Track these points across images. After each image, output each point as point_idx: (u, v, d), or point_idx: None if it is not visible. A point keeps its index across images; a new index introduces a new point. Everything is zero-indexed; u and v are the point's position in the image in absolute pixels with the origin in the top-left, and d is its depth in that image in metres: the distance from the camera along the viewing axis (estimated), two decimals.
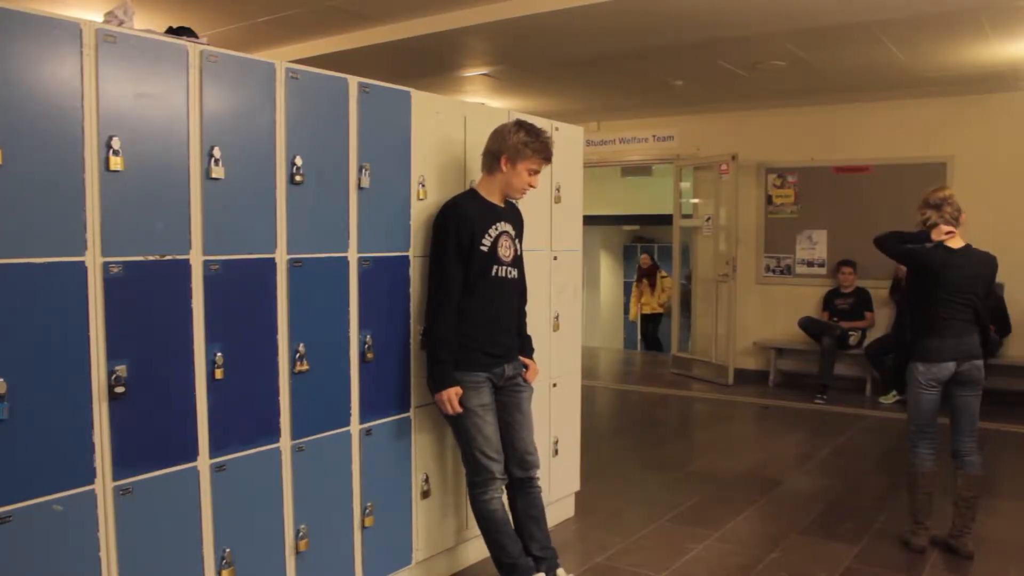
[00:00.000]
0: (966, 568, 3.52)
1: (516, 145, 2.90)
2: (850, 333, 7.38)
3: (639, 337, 12.44)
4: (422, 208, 3.06)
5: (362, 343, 2.86)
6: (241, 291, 2.49)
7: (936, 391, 3.60)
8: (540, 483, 3.15)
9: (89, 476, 2.12)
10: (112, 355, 2.15)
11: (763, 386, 7.86)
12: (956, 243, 3.62)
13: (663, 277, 11.19)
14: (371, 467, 2.92)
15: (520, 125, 2.94)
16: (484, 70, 6.63)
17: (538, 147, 2.93)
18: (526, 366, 3.16)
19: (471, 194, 3.02)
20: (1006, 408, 6.69)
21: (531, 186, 3.01)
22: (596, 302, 15.60)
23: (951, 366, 3.56)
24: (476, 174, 3.12)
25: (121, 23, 2.29)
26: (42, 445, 2.03)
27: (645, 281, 11.35)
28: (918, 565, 3.55)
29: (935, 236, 3.64)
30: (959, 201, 3.67)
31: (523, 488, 3.10)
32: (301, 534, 2.68)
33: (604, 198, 12.59)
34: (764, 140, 8.12)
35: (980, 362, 3.59)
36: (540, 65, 6.50)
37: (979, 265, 3.64)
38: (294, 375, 2.63)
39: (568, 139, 3.89)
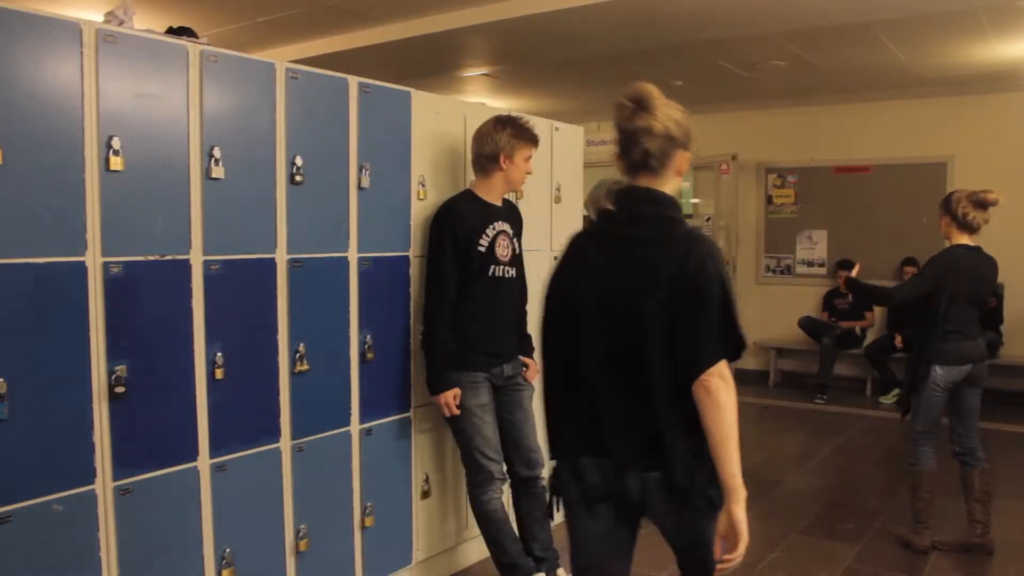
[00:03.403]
0: (966, 568, 3.52)
1: (508, 141, 2.92)
2: (857, 330, 7.37)
3: None
4: (422, 208, 3.05)
5: (362, 343, 2.86)
6: (241, 291, 2.49)
7: (947, 393, 3.61)
8: (544, 483, 3.15)
9: (89, 476, 2.12)
10: (112, 355, 2.15)
11: (763, 386, 7.85)
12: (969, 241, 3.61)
13: None
14: (371, 467, 2.92)
15: (501, 122, 2.96)
16: (484, 70, 6.63)
17: (527, 135, 2.98)
18: (526, 365, 3.16)
19: (468, 195, 3.02)
20: (1006, 408, 6.69)
21: (528, 173, 3.05)
22: None
23: (968, 368, 3.57)
24: None
25: (121, 23, 2.29)
26: (42, 445, 2.03)
27: None
28: (918, 565, 3.55)
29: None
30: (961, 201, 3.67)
31: (528, 488, 3.10)
32: (301, 534, 2.67)
33: None
34: (764, 140, 8.12)
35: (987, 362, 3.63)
36: (540, 65, 6.50)
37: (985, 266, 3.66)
38: (294, 375, 2.63)
39: (568, 139, 3.89)
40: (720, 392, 1.71)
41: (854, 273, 3.81)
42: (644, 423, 1.74)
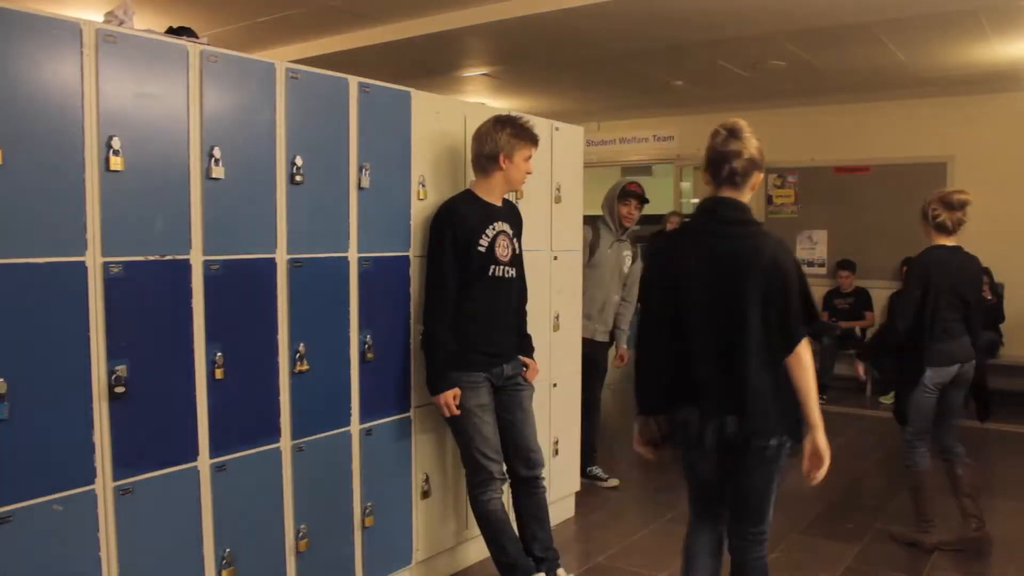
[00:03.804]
0: (966, 567, 3.52)
1: (508, 140, 2.93)
2: (857, 330, 7.39)
3: None
4: (422, 208, 3.05)
5: (362, 343, 2.86)
6: (241, 291, 2.49)
7: (937, 393, 3.64)
8: (545, 483, 3.15)
9: (89, 476, 2.12)
10: (112, 355, 2.15)
11: None
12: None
13: None
14: (371, 467, 2.92)
15: (500, 122, 2.96)
16: (484, 70, 6.63)
17: (527, 135, 2.98)
18: (526, 365, 3.16)
19: (468, 195, 3.02)
20: (1006, 408, 6.69)
21: (528, 173, 3.05)
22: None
23: (955, 369, 3.60)
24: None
25: (121, 23, 2.29)
26: (42, 445, 2.03)
27: None
28: (918, 565, 3.55)
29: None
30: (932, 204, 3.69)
31: (528, 488, 3.10)
32: (301, 534, 2.68)
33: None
34: (764, 140, 8.03)
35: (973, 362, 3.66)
36: (540, 65, 6.50)
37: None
38: (294, 375, 2.63)
39: (568, 139, 3.89)
40: (805, 355, 2.24)
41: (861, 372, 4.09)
42: (742, 381, 2.22)
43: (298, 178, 2.60)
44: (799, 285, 2.25)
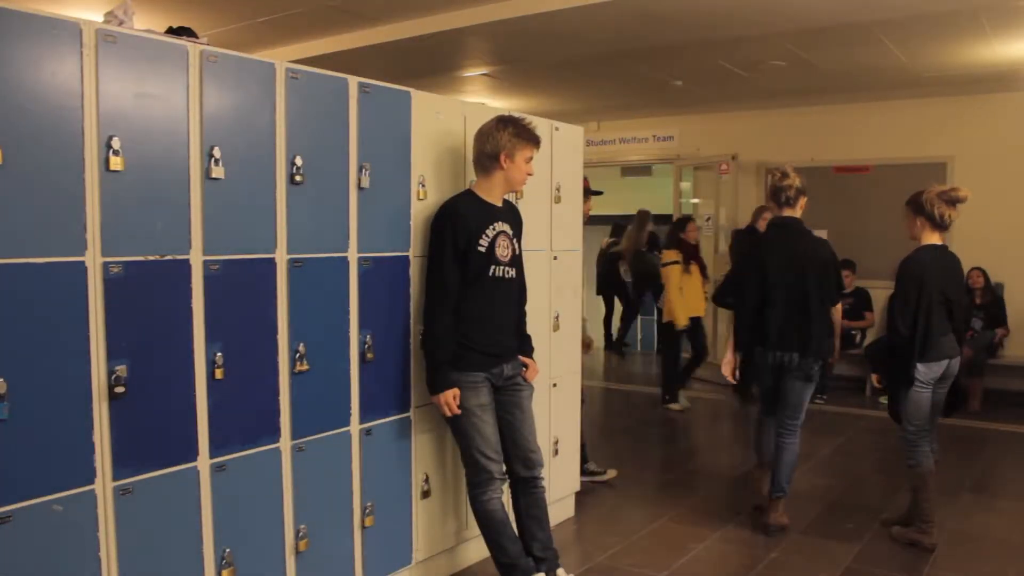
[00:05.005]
0: (966, 568, 3.52)
1: (510, 140, 2.93)
2: (853, 332, 7.38)
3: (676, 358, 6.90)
4: (422, 208, 3.06)
5: (362, 343, 2.86)
6: (241, 291, 2.49)
7: (932, 388, 3.70)
8: (544, 483, 3.15)
9: (89, 476, 2.12)
10: (112, 355, 2.15)
11: None
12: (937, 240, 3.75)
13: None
14: (371, 467, 2.92)
15: (503, 122, 2.96)
16: (484, 70, 6.64)
17: (529, 135, 2.98)
18: (525, 365, 3.16)
19: (468, 195, 3.02)
20: (1006, 408, 6.69)
21: (529, 174, 3.04)
22: (595, 302, 15.55)
23: (945, 363, 3.67)
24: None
25: (121, 23, 2.29)
26: (42, 445, 2.03)
27: (694, 266, 6.58)
28: (918, 565, 3.55)
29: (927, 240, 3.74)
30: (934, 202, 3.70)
31: (527, 488, 3.10)
32: (301, 534, 2.68)
33: (604, 198, 12.51)
34: (764, 140, 8.12)
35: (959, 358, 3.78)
36: (540, 65, 6.51)
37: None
38: (294, 375, 2.63)
39: (568, 139, 3.89)
40: (840, 311, 3.95)
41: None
42: (806, 329, 3.72)
43: (298, 178, 2.60)
44: (836, 268, 3.84)
